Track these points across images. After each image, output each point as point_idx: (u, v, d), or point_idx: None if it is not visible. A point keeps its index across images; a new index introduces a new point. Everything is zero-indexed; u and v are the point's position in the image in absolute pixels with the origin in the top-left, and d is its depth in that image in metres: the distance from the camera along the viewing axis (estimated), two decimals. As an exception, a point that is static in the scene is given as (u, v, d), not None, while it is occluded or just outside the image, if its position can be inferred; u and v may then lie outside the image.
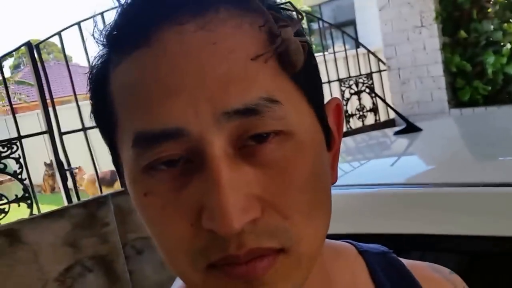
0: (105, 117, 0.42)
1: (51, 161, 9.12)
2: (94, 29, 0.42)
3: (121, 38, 0.40)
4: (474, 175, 1.21)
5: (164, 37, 0.38)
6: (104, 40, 0.42)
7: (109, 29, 0.41)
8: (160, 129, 0.37)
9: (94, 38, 0.42)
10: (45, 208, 3.04)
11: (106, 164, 3.61)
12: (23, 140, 2.94)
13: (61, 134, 3.14)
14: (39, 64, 3.04)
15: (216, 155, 0.36)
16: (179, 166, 0.38)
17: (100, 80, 0.43)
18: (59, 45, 3.24)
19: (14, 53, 3.22)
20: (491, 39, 4.39)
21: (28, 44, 3.08)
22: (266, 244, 0.38)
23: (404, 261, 0.60)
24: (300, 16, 0.42)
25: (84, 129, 3.28)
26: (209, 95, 0.36)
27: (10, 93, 3.18)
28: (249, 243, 0.37)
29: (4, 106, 14.98)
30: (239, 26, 0.39)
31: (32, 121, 7.51)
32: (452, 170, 1.31)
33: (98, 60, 0.43)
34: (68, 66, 3.26)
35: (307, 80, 0.43)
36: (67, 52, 3.38)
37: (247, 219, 0.36)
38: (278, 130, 0.38)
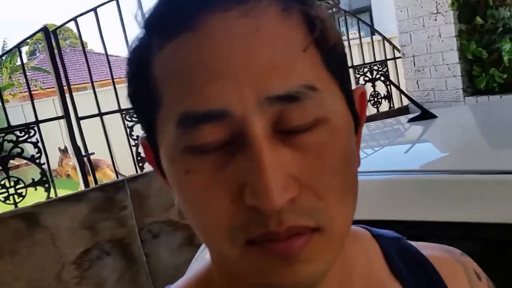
0: (146, 99, 0.43)
1: (65, 147, 9.20)
2: (136, 12, 0.43)
3: (166, 23, 0.41)
4: (489, 162, 1.21)
5: (209, 23, 0.39)
6: (145, 24, 0.43)
7: (151, 14, 0.42)
8: (205, 110, 0.38)
9: (136, 20, 0.43)
10: (61, 193, 3.08)
11: (120, 150, 3.64)
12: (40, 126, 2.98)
13: (78, 119, 3.18)
14: (55, 50, 3.07)
15: (258, 136, 0.38)
16: (221, 146, 0.39)
17: (141, 63, 0.43)
18: (75, 31, 3.26)
19: (29, 39, 3.24)
20: (508, 25, 4.32)
21: (44, 30, 3.11)
22: (303, 223, 0.39)
23: (415, 243, 0.62)
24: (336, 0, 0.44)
25: (100, 114, 3.30)
26: (253, 80, 0.38)
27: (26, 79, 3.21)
28: (288, 221, 0.38)
29: (21, 93, 15.10)
30: (280, 13, 0.40)
31: (47, 107, 7.57)
32: (467, 157, 1.31)
33: (137, 44, 0.44)
34: (85, 53, 3.28)
35: (339, 68, 0.44)
36: (73, 39, 3.39)
37: (287, 197, 0.38)
38: (315, 117, 0.40)
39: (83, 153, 3.16)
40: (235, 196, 0.39)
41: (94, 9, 3.15)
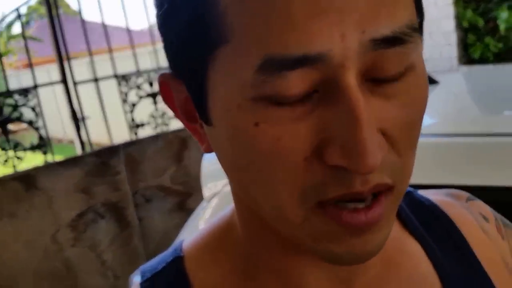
0: (203, 31, 0.36)
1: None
2: None
3: None
4: (488, 126, 1.27)
5: None
6: None
7: None
8: (301, 53, 0.33)
9: None
10: (58, 158, 3.20)
11: (114, 116, 3.75)
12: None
13: (75, 84, 3.28)
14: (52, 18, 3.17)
15: (354, 85, 0.34)
16: (302, 97, 0.35)
17: None
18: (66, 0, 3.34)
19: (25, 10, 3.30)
20: (505, -6, 4.35)
21: None
22: (386, 180, 0.37)
23: (424, 192, 0.61)
24: None
25: (96, 79, 3.41)
26: (358, 17, 0.33)
27: (21, 48, 3.30)
28: (374, 179, 0.36)
29: (16, 62, 15.11)
30: None
31: (42, 75, 7.67)
32: (471, 120, 1.39)
33: None
34: (82, 20, 3.39)
35: (419, 4, 0.40)
36: (73, 7, 3.49)
37: (381, 157, 0.34)
38: (409, 63, 0.36)
39: (79, 117, 3.28)
40: (310, 153, 0.36)
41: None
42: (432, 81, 1.89)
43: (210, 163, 2.27)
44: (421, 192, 0.61)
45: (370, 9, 0.33)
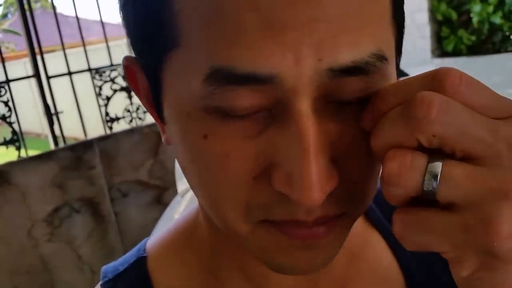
0: (158, 30, 0.35)
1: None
2: None
3: None
4: None
5: None
6: None
7: None
8: (250, 70, 0.30)
9: None
10: (32, 153, 3.17)
11: (89, 110, 3.72)
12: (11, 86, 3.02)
13: (48, 78, 3.23)
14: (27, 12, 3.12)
15: (306, 113, 0.31)
16: (252, 113, 0.33)
17: None
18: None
19: (2, 2, 3.26)
20: (478, -13, 4.39)
21: None
22: (332, 212, 0.35)
23: None
24: None
25: (69, 73, 3.36)
26: (317, 42, 0.30)
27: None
28: (319, 211, 0.34)
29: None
30: None
31: (18, 69, 7.55)
32: None
33: None
34: (55, 14, 3.32)
35: (400, 26, 0.37)
36: (50, 1, 3.45)
37: (328, 190, 0.32)
38: (376, 90, 0.33)
39: (53, 111, 3.24)
40: (259, 174, 0.34)
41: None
42: (402, 74, 1.93)
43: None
44: None
45: (331, 34, 0.30)
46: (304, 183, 0.31)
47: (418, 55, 4.57)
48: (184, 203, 2.19)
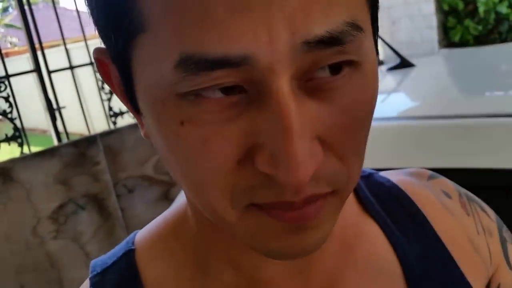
0: (122, 14, 0.33)
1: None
2: None
3: None
4: (465, 107, 1.27)
5: None
6: None
7: None
8: (221, 54, 0.29)
9: None
10: (35, 150, 3.13)
11: (92, 105, 3.67)
12: (12, 82, 2.97)
13: (49, 72, 3.18)
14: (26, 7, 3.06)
15: (285, 91, 0.31)
16: (229, 94, 0.32)
17: None
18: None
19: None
20: (484, -24, 4.35)
21: None
22: (321, 190, 0.35)
23: (385, 173, 0.59)
24: None
25: (71, 67, 3.31)
26: (289, 16, 0.29)
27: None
28: (307, 190, 0.34)
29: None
30: None
31: (22, 64, 7.51)
32: (447, 103, 1.37)
33: None
34: (55, 8, 3.27)
35: None
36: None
37: (313, 168, 0.32)
38: (351, 60, 0.33)
39: (55, 107, 3.19)
40: (242, 156, 0.33)
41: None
42: (408, 64, 1.89)
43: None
44: (382, 173, 0.59)
45: (301, 5, 0.29)
46: (289, 162, 0.31)
47: (425, 46, 4.53)
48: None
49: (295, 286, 0.47)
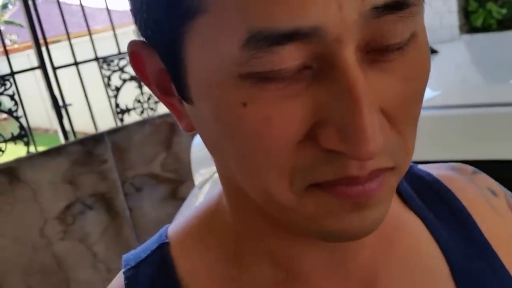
0: (177, 2, 0.34)
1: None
2: None
3: None
4: (490, 96, 1.30)
5: None
6: None
7: None
8: (292, 27, 0.30)
9: None
10: (42, 149, 3.20)
11: (97, 102, 3.74)
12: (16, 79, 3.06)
13: (54, 69, 3.27)
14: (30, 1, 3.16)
15: (352, 63, 0.32)
16: (294, 73, 0.33)
17: None
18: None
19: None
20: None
21: None
22: (385, 164, 0.36)
23: (425, 167, 0.60)
24: None
25: (76, 63, 3.40)
26: None
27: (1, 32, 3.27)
28: (372, 164, 0.35)
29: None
30: None
31: (22, 61, 7.63)
32: (471, 91, 1.40)
33: None
34: (59, 3, 3.37)
35: None
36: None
37: (382, 141, 0.32)
38: (412, 31, 0.34)
39: (61, 104, 3.27)
40: (304, 134, 0.34)
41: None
42: (431, 51, 1.93)
43: (200, 148, 2.28)
44: (422, 167, 0.59)
45: None
46: (359, 135, 0.31)
47: (445, 32, 4.49)
48: (201, 197, 2.20)
49: (334, 279, 0.48)
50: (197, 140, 2.24)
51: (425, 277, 0.49)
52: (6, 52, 2.99)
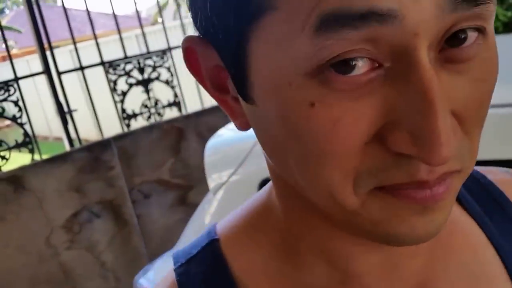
0: (245, 1, 0.34)
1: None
2: None
3: None
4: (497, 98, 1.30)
5: None
6: None
7: None
8: (368, 7, 0.29)
9: None
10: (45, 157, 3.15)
11: (103, 107, 3.70)
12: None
13: (59, 74, 3.21)
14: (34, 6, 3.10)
15: (427, 63, 0.31)
16: (361, 69, 0.32)
17: None
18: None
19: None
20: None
21: None
22: (453, 167, 0.35)
23: (479, 169, 0.58)
24: None
25: (81, 68, 3.34)
26: None
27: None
28: (441, 168, 0.34)
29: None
30: None
31: (21, 67, 7.60)
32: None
33: None
34: (64, 7, 3.31)
35: None
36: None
37: (455, 145, 0.32)
38: (483, 28, 0.34)
39: (66, 110, 3.22)
40: (372, 136, 0.34)
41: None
42: None
43: (213, 152, 2.22)
44: (476, 168, 0.57)
45: None
46: (433, 140, 0.31)
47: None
48: (215, 203, 2.15)
49: (389, 283, 0.47)
50: (210, 144, 2.20)
51: (483, 283, 0.49)
52: (10, 57, 2.94)
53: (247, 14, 0.34)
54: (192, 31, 0.43)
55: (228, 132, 2.44)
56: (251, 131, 0.42)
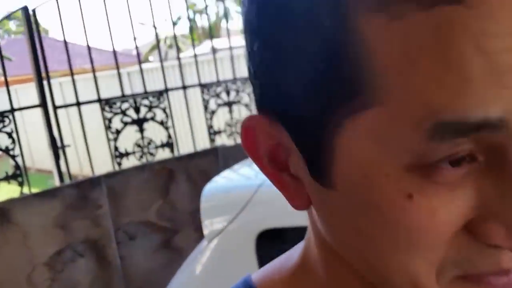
0: (344, 88, 0.33)
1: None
2: None
3: None
4: None
5: None
6: None
7: None
8: (482, 118, 0.30)
9: None
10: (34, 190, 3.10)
11: (95, 144, 3.67)
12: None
13: (55, 108, 3.18)
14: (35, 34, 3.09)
15: None
16: (459, 165, 0.33)
17: (333, 34, 0.33)
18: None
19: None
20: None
21: (24, 9, 3.07)
22: None
23: None
24: None
25: (78, 103, 3.31)
26: None
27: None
28: None
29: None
30: None
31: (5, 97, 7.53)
32: None
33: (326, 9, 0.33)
34: (65, 39, 3.28)
35: None
36: (42, 26, 3.43)
37: None
38: None
39: (59, 145, 3.18)
40: (460, 227, 0.34)
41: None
42: None
43: (210, 198, 2.20)
44: None
45: None
46: None
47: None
48: (208, 253, 2.12)
49: None
50: (207, 190, 2.18)
51: None
52: (8, 88, 2.91)
53: (343, 106, 0.33)
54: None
55: (223, 180, 2.42)
56: (250, 180, 0.41)
